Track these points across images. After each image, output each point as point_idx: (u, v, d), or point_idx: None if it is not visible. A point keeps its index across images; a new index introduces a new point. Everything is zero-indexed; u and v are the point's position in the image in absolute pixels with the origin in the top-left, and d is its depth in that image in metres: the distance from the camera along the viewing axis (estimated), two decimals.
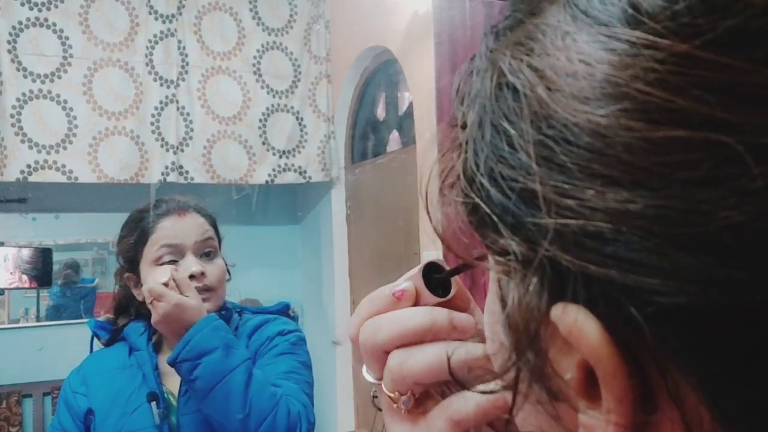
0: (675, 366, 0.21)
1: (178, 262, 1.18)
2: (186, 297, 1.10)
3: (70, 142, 3.06)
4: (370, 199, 3.44)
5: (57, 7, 3.06)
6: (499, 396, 0.30)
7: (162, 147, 3.22)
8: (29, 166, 2.98)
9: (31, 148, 2.99)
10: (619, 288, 0.21)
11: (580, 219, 0.21)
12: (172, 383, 1.19)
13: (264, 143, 3.46)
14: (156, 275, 1.15)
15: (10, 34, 2.97)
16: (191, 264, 1.18)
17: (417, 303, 0.36)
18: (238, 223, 3.70)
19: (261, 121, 3.46)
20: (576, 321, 0.22)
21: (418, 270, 0.37)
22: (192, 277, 1.16)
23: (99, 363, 1.24)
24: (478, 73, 0.28)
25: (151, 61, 3.23)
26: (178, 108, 3.27)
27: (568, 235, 0.22)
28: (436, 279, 0.36)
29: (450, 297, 0.36)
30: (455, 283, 0.37)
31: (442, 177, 0.30)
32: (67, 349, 2.38)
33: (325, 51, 3.65)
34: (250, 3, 3.49)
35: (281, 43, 3.55)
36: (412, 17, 2.82)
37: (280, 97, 3.53)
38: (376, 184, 3.37)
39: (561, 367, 0.23)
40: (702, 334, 0.20)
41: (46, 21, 3.04)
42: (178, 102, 3.27)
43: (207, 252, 1.21)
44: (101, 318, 1.30)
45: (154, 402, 1.14)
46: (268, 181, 3.47)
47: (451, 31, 2.41)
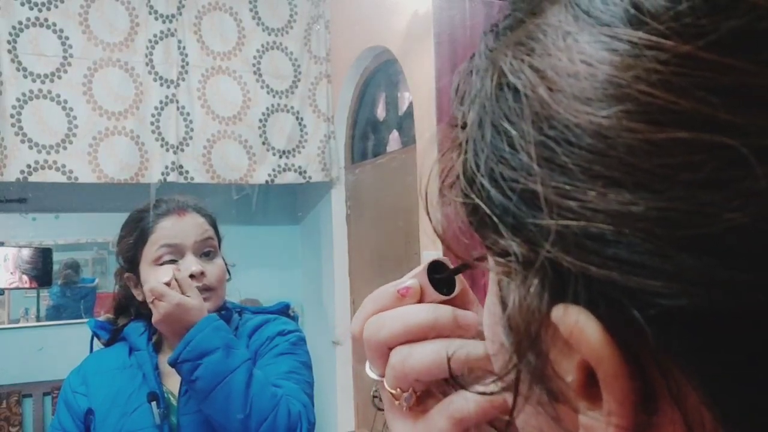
0: (676, 367, 0.21)
1: (177, 262, 1.18)
2: (187, 297, 1.10)
3: (70, 142, 3.06)
4: (370, 199, 3.44)
5: (57, 7, 3.06)
6: (498, 395, 0.30)
7: (162, 147, 3.22)
8: (29, 166, 2.98)
9: (31, 148, 2.99)
10: (621, 290, 0.21)
11: (582, 220, 0.21)
12: (173, 383, 1.19)
13: (264, 143, 3.46)
14: (158, 275, 1.15)
15: (10, 34, 2.97)
16: (191, 264, 1.18)
17: (421, 300, 0.36)
18: (238, 223, 3.70)
19: (261, 121, 3.46)
20: (577, 322, 0.22)
21: (422, 268, 0.37)
22: (192, 277, 1.16)
23: (99, 363, 1.24)
24: (477, 73, 0.28)
25: (151, 61, 3.23)
26: (178, 108, 3.27)
27: (569, 236, 0.22)
28: (441, 278, 0.36)
29: (454, 295, 0.36)
30: (459, 281, 0.37)
31: (441, 177, 0.29)
32: (67, 349, 2.38)
33: (325, 51, 3.65)
34: (250, 3, 3.49)
35: (281, 43, 3.55)
36: (412, 17, 2.82)
37: (280, 97, 3.53)
38: (376, 184, 3.37)
39: (561, 369, 0.23)
40: (704, 335, 0.20)
41: (46, 21, 3.04)
42: (178, 102, 3.27)
43: (207, 252, 1.21)
44: (101, 318, 1.30)
45: (155, 402, 1.14)
46: (268, 181, 3.47)
47: (451, 31, 2.41)
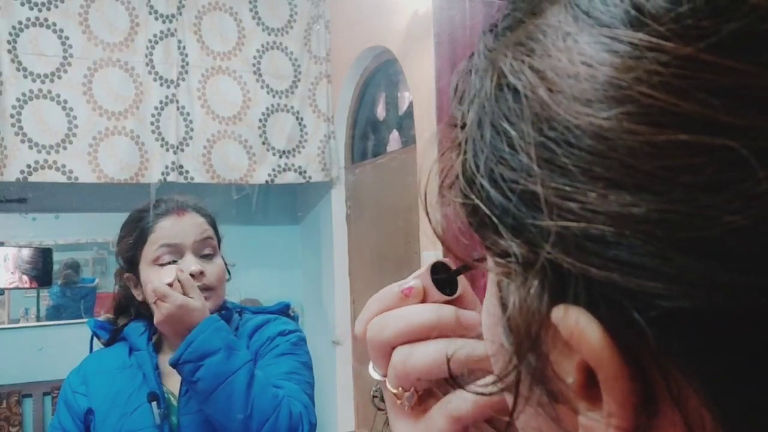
0: (677, 368, 0.21)
1: (177, 262, 1.18)
2: (190, 298, 1.10)
3: (70, 142, 3.06)
4: (370, 199, 3.44)
5: (57, 7, 3.06)
6: (498, 395, 0.30)
7: (162, 147, 3.22)
8: (29, 166, 2.98)
9: (31, 148, 2.99)
10: (621, 291, 0.21)
11: (582, 222, 0.21)
12: (173, 383, 1.19)
13: (264, 143, 3.46)
14: (159, 275, 1.15)
15: (10, 34, 2.97)
16: (190, 263, 1.18)
17: (424, 301, 0.37)
18: (238, 223, 3.70)
19: (261, 121, 3.46)
20: (577, 323, 0.22)
21: (425, 269, 0.37)
22: (191, 277, 1.16)
23: (99, 363, 1.24)
24: (477, 73, 0.28)
25: (151, 61, 3.23)
26: (178, 108, 3.27)
27: (569, 237, 0.22)
28: (443, 278, 0.36)
29: (457, 296, 0.37)
30: (461, 282, 0.37)
31: (441, 177, 0.29)
32: (67, 349, 2.38)
33: (325, 51, 3.65)
34: (250, 3, 3.49)
35: (281, 43, 3.55)
36: (412, 17, 2.82)
37: (280, 97, 3.53)
38: (376, 184, 3.37)
39: (561, 369, 0.23)
40: (705, 336, 0.20)
41: (46, 21, 3.04)
42: (178, 102, 3.27)
43: (206, 252, 1.21)
44: (101, 318, 1.30)
45: (155, 402, 1.14)
46: (268, 181, 3.47)
47: (451, 31, 2.41)
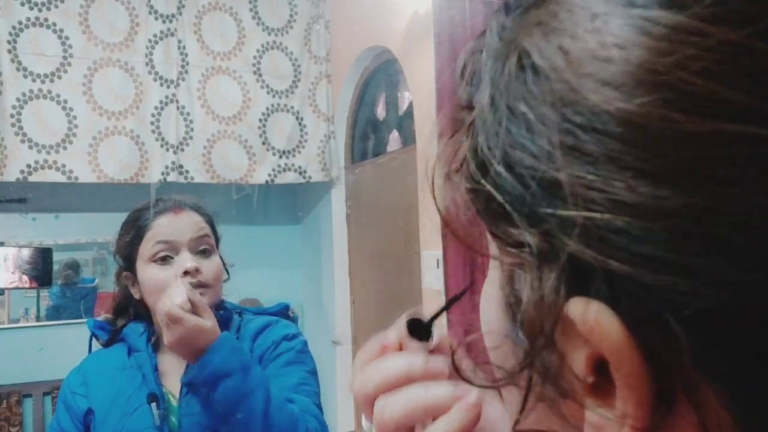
0: (697, 367, 0.20)
1: (173, 259, 1.18)
2: (202, 319, 1.06)
3: (70, 142, 3.06)
4: (370, 199, 3.44)
5: (57, 7, 3.06)
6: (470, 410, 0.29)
7: (162, 147, 3.22)
8: (29, 166, 2.98)
9: (31, 148, 2.99)
10: (645, 287, 0.20)
11: (607, 213, 0.20)
12: (172, 384, 1.19)
13: (264, 143, 3.46)
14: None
15: (10, 34, 2.97)
16: (186, 260, 1.17)
17: (402, 350, 0.38)
18: (238, 223, 3.70)
19: (261, 121, 3.46)
20: (598, 318, 0.21)
21: (402, 320, 0.38)
22: (186, 273, 1.15)
23: (98, 363, 1.24)
24: (490, 53, 0.26)
25: (151, 61, 3.23)
26: (178, 108, 3.27)
27: (591, 229, 0.20)
28: (419, 327, 0.38)
29: (434, 344, 0.38)
30: (437, 329, 0.38)
31: (448, 160, 0.28)
32: (67, 349, 2.38)
33: (325, 51, 3.65)
34: (250, 3, 3.49)
35: (281, 43, 3.55)
36: (412, 17, 2.82)
37: (280, 97, 3.53)
38: (376, 184, 3.36)
39: (572, 364, 0.23)
40: (726, 334, 0.19)
41: (46, 21, 3.04)
42: (178, 102, 3.27)
43: (203, 249, 1.21)
44: (100, 318, 1.30)
45: (154, 403, 1.14)
46: (268, 181, 3.47)
47: (451, 31, 2.41)
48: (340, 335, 3.60)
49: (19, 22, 2.99)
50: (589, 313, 0.21)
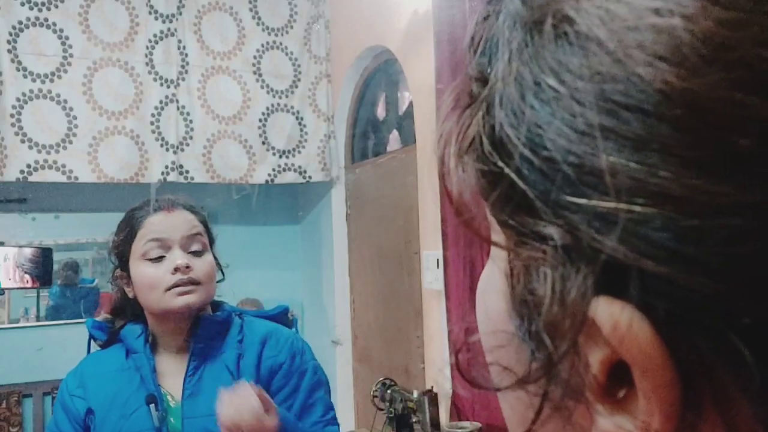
0: (724, 373, 0.19)
1: (165, 257, 1.18)
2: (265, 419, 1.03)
3: (70, 142, 3.06)
4: (370, 199, 3.44)
5: (57, 7, 3.06)
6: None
7: (162, 147, 3.22)
8: (29, 166, 2.98)
9: (31, 147, 2.99)
10: (686, 291, 0.18)
11: (647, 207, 0.18)
12: (170, 385, 1.19)
13: (264, 143, 3.46)
14: (146, 270, 1.15)
15: (10, 34, 2.97)
16: (177, 257, 1.18)
17: None
18: (238, 223, 3.70)
19: (261, 120, 3.46)
20: (629, 321, 0.19)
21: None
22: (177, 270, 1.16)
23: (96, 365, 1.24)
24: (511, 19, 0.23)
25: (151, 60, 3.23)
26: (178, 108, 3.27)
27: (627, 223, 0.18)
28: None
29: None
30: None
31: (458, 138, 0.25)
32: (67, 349, 2.38)
33: (325, 51, 3.65)
34: (250, 3, 3.49)
35: (281, 43, 3.55)
36: (411, 17, 2.81)
37: (280, 97, 3.52)
38: (376, 183, 3.36)
39: (589, 367, 0.20)
40: (758, 342, 0.18)
41: (46, 21, 3.04)
42: (178, 102, 3.27)
43: (195, 248, 1.21)
44: (99, 318, 1.30)
45: (153, 404, 1.14)
46: (268, 181, 3.47)
47: (451, 30, 2.41)
48: (340, 335, 3.59)
49: (19, 22, 2.99)
50: (620, 317, 0.19)
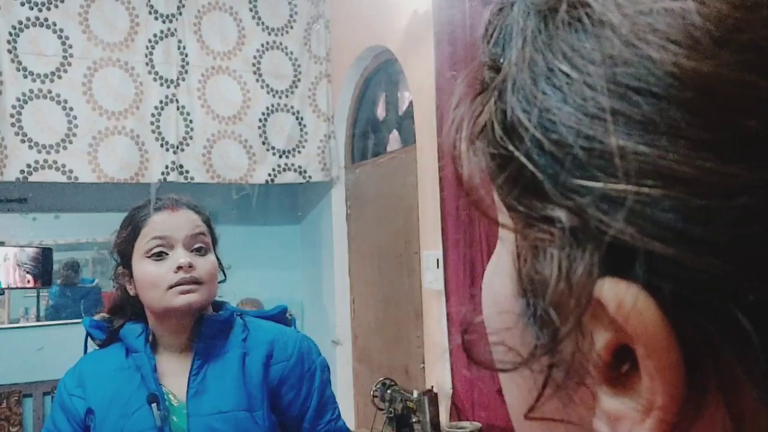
0: (731, 357, 0.19)
1: (168, 255, 1.18)
2: None
3: (70, 142, 3.06)
4: (370, 199, 3.44)
5: (57, 7, 3.06)
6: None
7: (162, 146, 3.22)
8: (29, 166, 2.98)
9: (31, 147, 2.99)
10: (693, 272, 0.18)
11: (656, 188, 0.18)
12: (172, 384, 1.19)
13: (264, 143, 3.46)
14: (148, 267, 1.17)
15: (10, 34, 2.97)
16: (180, 256, 1.18)
17: None
18: (238, 223, 3.70)
19: (261, 120, 3.46)
20: (634, 302, 0.19)
21: None
22: (179, 269, 1.16)
23: (95, 364, 1.23)
24: (526, 7, 0.23)
25: (151, 60, 3.23)
26: (178, 108, 3.27)
27: (635, 205, 0.18)
28: None
29: None
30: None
31: (470, 124, 0.25)
32: (67, 348, 2.38)
33: (325, 51, 3.65)
34: (250, 3, 3.49)
35: (281, 43, 3.55)
36: (411, 16, 2.82)
37: (280, 97, 3.53)
38: (376, 183, 3.36)
39: (594, 348, 0.21)
40: (763, 325, 0.18)
41: (46, 21, 3.04)
42: (178, 102, 3.27)
43: (198, 247, 1.21)
44: (97, 317, 1.30)
45: (155, 403, 1.14)
46: (268, 181, 3.47)
47: (451, 30, 2.41)
48: (340, 335, 3.60)
49: (19, 22, 2.99)
50: (625, 296, 0.19)
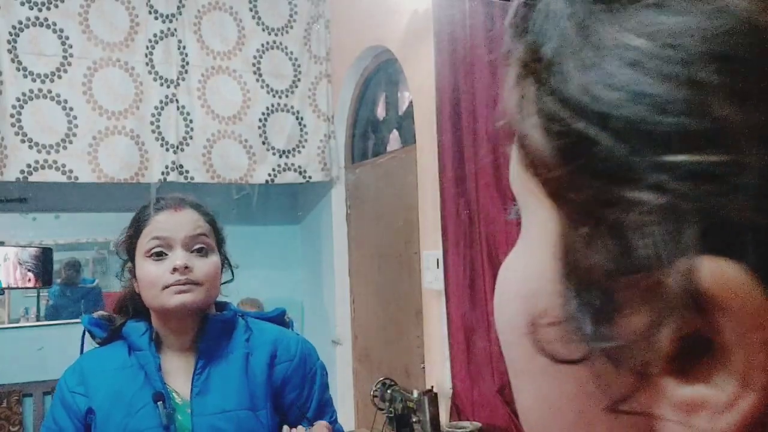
0: None
1: (167, 255, 1.18)
2: None
3: (70, 142, 3.06)
4: (370, 199, 3.44)
5: (57, 6, 3.06)
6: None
7: (162, 146, 3.22)
8: (29, 166, 2.98)
9: (31, 147, 2.99)
10: None
11: (760, 159, 0.17)
12: (176, 382, 1.19)
13: (264, 143, 3.46)
14: (145, 265, 1.17)
15: (10, 34, 2.97)
16: (177, 257, 1.17)
17: None
18: (238, 223, 3.69)
19: (261, 120, 3.46)
20: (739, 281, 0.18)
21: None
22: (175, 270, 1.16)
23: (97, 362, 1.23)
24: None
25: (151, 60, 3.23)
26: (178, 108, 3.27)
27: (723, 178, 0.18)
28: None
29: None
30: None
31: (513, 111, 0.24)
32: (67, 348, 2.38)
33: (325, 51, 3.65)
34: (250, 3, 3.49)
35: (281, 43, 3.55)
36: (411, 16, 2.82)
37: (280, 97, 3.53)
38: (376, 183, 3.37)
39: (661, 333, 0.19)
40: None
41: (46, 21, 3.04)
42: (178, 102, 3.27)
43: (198, 248, 1.20)
44: (95, 315, 1.30)
45: (161, 402, 1.14)
46: (268, 181, 3.47)
47: (451, 30, 2.41)
48: (340, 335, 3.60)
49: (19, 22, 2.99)
50: (725, 276, 0.18)
